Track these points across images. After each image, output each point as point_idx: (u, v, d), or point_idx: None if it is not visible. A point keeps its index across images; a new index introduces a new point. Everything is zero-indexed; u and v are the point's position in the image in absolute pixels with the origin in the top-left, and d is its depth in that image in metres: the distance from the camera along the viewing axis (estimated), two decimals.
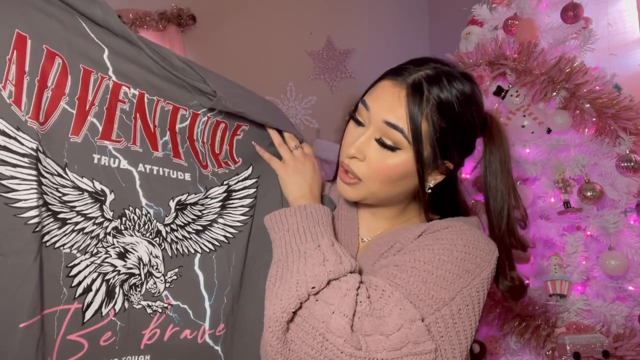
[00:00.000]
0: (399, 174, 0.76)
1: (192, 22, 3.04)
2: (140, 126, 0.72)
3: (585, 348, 1.18)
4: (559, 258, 1.34)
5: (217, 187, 0.80)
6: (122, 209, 0.70)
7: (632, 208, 1.33)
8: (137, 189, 0.71)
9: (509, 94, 1.47)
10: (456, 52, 1.62)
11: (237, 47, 3.20)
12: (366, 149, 0.76)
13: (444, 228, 0.78)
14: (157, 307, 0.75)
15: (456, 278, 0.71)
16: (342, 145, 0.81)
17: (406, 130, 0.73)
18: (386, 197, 0.81)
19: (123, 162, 0.70)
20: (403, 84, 0.74)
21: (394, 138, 0.74)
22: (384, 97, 0.75)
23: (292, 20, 3.30)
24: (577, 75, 1.34)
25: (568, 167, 1.36)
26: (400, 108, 0.73)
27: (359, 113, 0.79)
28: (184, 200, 0.76)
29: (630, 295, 1.30)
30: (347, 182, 0.79)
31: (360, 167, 0.77)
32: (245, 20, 3.22)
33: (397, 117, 0.73)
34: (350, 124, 0.81)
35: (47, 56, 0.63)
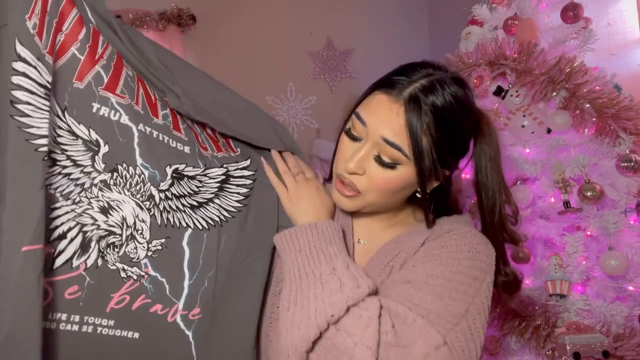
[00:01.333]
0: (398, 186, 0.77)
1: (192, 22, 3.04)
2: (143, 93, 0.72)
3: (585, 348, 1.18)
4: (559, 258, 1.34)
5: (216, 168, 0.78)
6: (115, 163, 0.68)
7: (632, 208, 1.33)
8: (134, 146, 0.69)
9: (509, 94, 1.47)
10: (456, 52, 1.62)
11: (237, 47, 3.20)
12: (365, 164, 0.76)
13: (445, 233, 0.79)
14: (133, 273, 0.71)
15: (467, 288, 0.71)
16: (337, 159, 0.81)
17: (405, 147, 0.72)
18: (384, 206, 0.82)
19: (124, 117, 0.68)
20: (399, 99, 0.73)
21: (392, 155, 0.73)
22: (381, 112, 0.74)
23: (292, 20, 3.30)
24: (577, 75, 1.34)
25: (568, 167, 1.36)
26: (398, 125, 0.72)
27: (354, 128, 0.77)
28: (181, 170, 0.74)
29: (630, 295, 1.30)
30: (345, 194, 0.79)
31: (361, 181, 0.77)
32: (246, 20, 3.22)
33: (395, 134, 0.72)
34: (345, 138, 0.80)
35: (67, 3, 0.66)
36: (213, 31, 3.16)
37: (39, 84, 0.60)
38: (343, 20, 3.39)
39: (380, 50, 3.42)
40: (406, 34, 3.50)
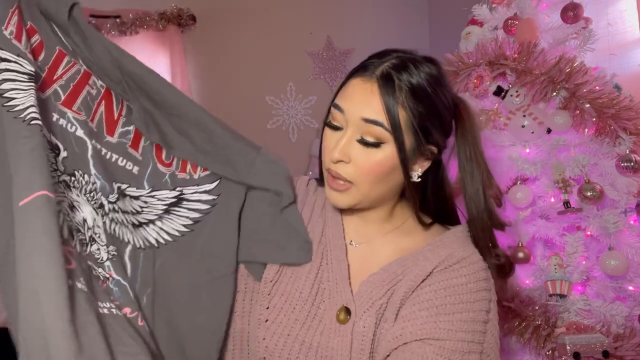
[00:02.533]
0: (388, 168, 0.75)
1: (192, 22, 3.04)
2: (103, 111, 0.74)
3: (585, 348, 1.18)
4: (559, 258, 1.34)
5: (167, 190, 0.77)
6: (73, 169, 0.70)
7: (632, 208, 1.33)
8: (88, 157, 0.72)
9: (509, 94, 1.47)
10: (456, 52, 1.62)
11: (237, 47, 3.19)
12: (350, 150, 0.74)
13: (454, 263, 0.76)
14: (100, 274, 0.71)
15: (480, 336, 0.72)
16: (322, 153, 0.80)
17: (385, 123, 0.72)
18: (378, 196, 0.80)
19: (79, 131, 0.71)
20: (372, 77, 0.75)
21: (375, 133, 0.73)
22: (357, 95, 0.75)
23: (292, 20, 3.30)
24: (577, 75, 1.34)
25: (568, 167, 1.36)
26: (375, 101, 0.73)
27: (334, 118, 0.77)
28: (123, 189, 0.75)
29: (630, 295, 1.30)
30: (338, 189, 0.77)
31: (348, 169, 0.75)
32: (245, 20, 3.22)
33: (373, 111, 0.73)
34: (327, 131, 0.79)
35: (30, 28, 0.70)
36: (213, 31, 3.15)
37: (22, 72, 0.63)
38: (343, 20, 3.39)
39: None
40: (406, 34, 3.50)
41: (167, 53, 3.02)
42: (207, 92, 3.16)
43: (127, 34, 2.90)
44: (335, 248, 0.82)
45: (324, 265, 0.82)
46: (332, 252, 0.82)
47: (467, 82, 1.55)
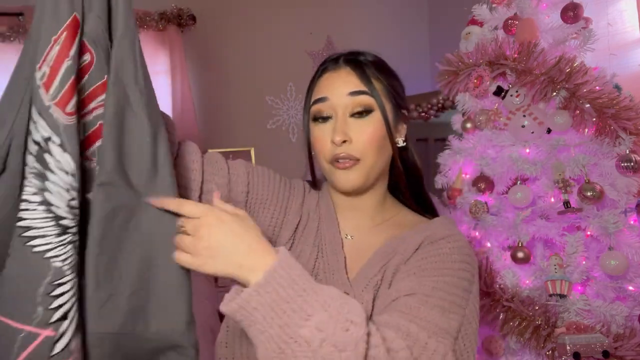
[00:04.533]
0: (382, 133, 0.82)
1: (192, 22, 3.04)
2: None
3: (585, 348, 1.18)
4: (559, 258, 1.34)
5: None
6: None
7: (632, 208, 1.33)
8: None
9: (509, 94, 1.47)
10: (456, 52, 1.62)
11: (237, 47, 3.20)
12: (347, 129, 0.80)
13: (440, 238, 0.80)
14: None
15: (461, 300, 0.74)
16: (319, 149, 0.84)
17: (368, 91, 0.82)
18: (380, 167, 0.85)
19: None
20: (340, 65, 0.85)
21: (363, 102, 0.81)
22: (334, 81, 0.84)
23: (292, 20, 3.30)
24: (577, 75, 1.33)
25: (568, 167, 1.35)
26: (353, 78, 0.83)
27: (320, 112, 0.83)
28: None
29: (630, 295, 1.30)
30: (346, 166, 0.80)
31: (353, 147, 0.80)
32: (245, 20, 3.22)
33: (355, 85, 0.82)
34: (316, 127, 0.84)
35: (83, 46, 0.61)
36: (213, 31, 3.16)
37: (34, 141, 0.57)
38: (343, 20, 3.39)
39: (380, 50, 3.41)
40: (406, 34, 3.50)
41: (167, 53, 3.02)
42: (207, 92, 3.16)
43: None
44: (331, 242, 0.86)
45: (320, 258, 0.85)
46: (328, 246, 0.86)
47: (467, 82, 1.56)
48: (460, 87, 1.58)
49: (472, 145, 1.56)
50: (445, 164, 1.63)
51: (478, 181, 1.50)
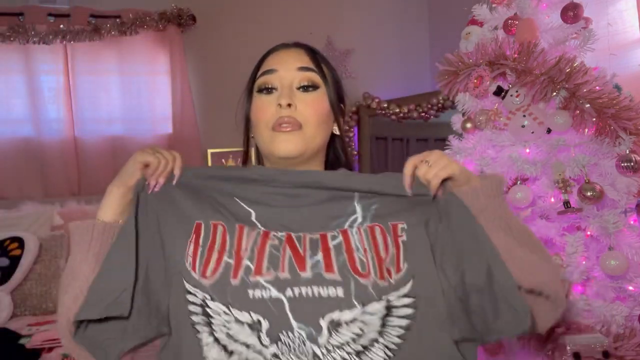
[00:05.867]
0: (325, 110, 0.86)
1: (192, 22, 3.04)
2: (290, 254, 0.76)
3: (585, 348, 1.18)
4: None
5: (375, 302, 0.73)
6: (277, 334, 0.71)
7: (632, 208, 1.33)
8: (287, 313, 0.72)
9: (509, 94, 1.47)
10: (456, 52, 1.62)
11: (237, 47, 3.19)
12: (293, 98, 0.84)
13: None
14: None
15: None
16: (259, 117, 0.85)
17: (317, 70, 0.86)
18: (319, 143, 0.87)
19: (273, 291, 0.73)
20: (294, 47, 0.90)
21: (310, 78, 0.86)
22: (287, 56, 0.88)
23: (292, 20, 3.30)
24: (577, 75, 1.34)
25: (568, 167, 1.36)
26: (304, 57, 0.88)
27: (266, 82, 0.86)
28: (336, 319, 0.72)
29: (630, 295, 1.30)
30: (287, 130, 0.82)
31: (297, 113, 0.83)
32: (246, 20, 3.22)
33: (306, 62, 0.87)
34: (260, 97, 0.86)
35: (213, 227, 0.80)
36: (213, 31, 3.16)
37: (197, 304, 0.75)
38: (343, 20, 3.39)
39: (380, 50, 3.42)
40: (406, 34, 3.50)
41: (167, 53, 3.02)
42: (207, 92, 3.16)
43: (127, 34, 2.90)
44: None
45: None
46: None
47: (467, 82, 1.56)
48: (460, 87, 1.58)
49: (472, 145, 1.56)
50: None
51: None
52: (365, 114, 3.26)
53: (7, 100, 2.84)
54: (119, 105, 2.99)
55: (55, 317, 0.90)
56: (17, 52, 2.81)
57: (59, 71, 2.89)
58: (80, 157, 2.92)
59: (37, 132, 2.86)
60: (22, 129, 2.85)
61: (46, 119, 2.87)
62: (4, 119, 2.83)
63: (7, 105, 2.83)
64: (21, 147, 2.84)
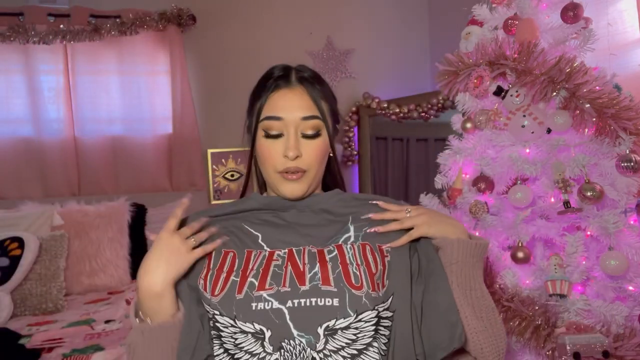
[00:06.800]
0: (326, 149, 0.93)
1: (192, 22, 3.04)
2: (291, 271, 0.83)
3: (585, 348, 1.18)
4: (559, 258, 1.34)
5: (369, 310, 0.80)
6: (280, 342, 0.77)
7: (632, 208, 1.33)
8: (288, 322, 0.78)
9: (509, 94, 1.47)
10: (456, 52, 1.62)
11: (237, 47, 3.20)
12: (299, 146, 0.89)
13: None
14: None
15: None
16: (267, 162, 0.91)
17: (319, 115, 0.90)
18: (320, 176, 0.95)
19: (275, 303, 0.79)
20: (295, 84, 0.92)
21: (313, 126, 0.90)
22: (291, 102, 0.90)
23: (292, 20, 3.30)
24: (577, 75, 1.33)
25: (568, 167, 1.35)
26: (306, 101, 0.90)
27: (271, 128, 0.90)
28: (332, 326, 0.78)
29: (630, 295, 1.30)
30: (294, 178, 0.89)
31: (303, 161, 0.89)
32: (246, 20, 3.22)
33: (309, 110, 0.90)
34: (266, 142, 0.91)
35: (224, 254, 0.88)
36: (213, 31, 3.16)
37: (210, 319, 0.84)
38: (343, 20, 3.40)
39: (380, 50, 3.42)
40: (406, 34, 3.50)
41: (167, 53, 3.02)
42: (207, 92, 3.16)
43: (127, 34, 2.90)
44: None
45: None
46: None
47: (467, 82, 1.56)
48: (460, 87, 1.58)
49: (472, 145, 1.56)
50: (445, 164, 1.63)
51: (478, 181, 1.51)
52: (365, 114, 3.26)
53: (7, 100, 2.84)
54: (119, 105, 2.99)
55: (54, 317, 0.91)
56: (17, 52, 2.81)
57: (59, 71, 2.89)
58: (80, 157, 2.93)
59: (37, 132, 2.86)
60: (22, 129, 2.86)
61: (46, 119, 2.87)
62: (4, 119, 2.83)
63: (7, 105, 2.84)
64: (21, 147, 2.84)
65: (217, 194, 3.16)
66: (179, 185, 3.05)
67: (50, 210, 2.47)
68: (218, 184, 3.17)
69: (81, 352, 1.60)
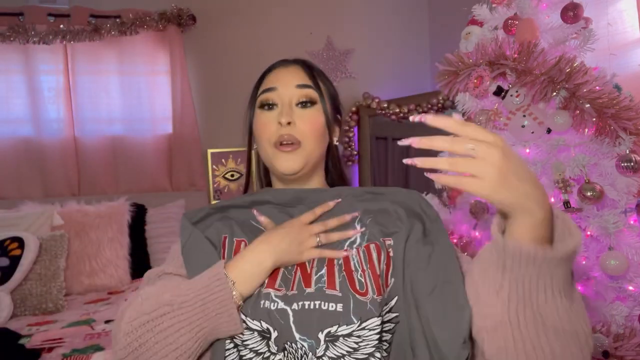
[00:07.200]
0: (322, 126, 0.90)
1: (192, 22, 3.04)
2: (299, 275, 0.81)
3: None
4: None
5: (374, 317, 0.75)
6: (283, 343, 0.76)
7: (632, 208, 1.33)
8: (291, 325, 0.76)
9: (509, 94, 1.47)
10: (456, 52, 1.62)
11: (237, 47, 3.20)
12: (292, 115, 0.88)
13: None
14: None
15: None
16: (261, 134, 0.90)
17: (314, 86, 0.91)
18: (317, 155, 0.92)
19: (280, 304, 0.78)
20: (293, 64, 0.94)
21: (308, 95, 0.90)
22: (286, 74, 0.92)
23: (292, 20, 3.30)
24: (577, 75, 1.34)
25: (568, 167, 1.36)
26: (302, 74, 0.92)
27: (266, 99, 0.91)
28: (333, 332, 0.75)
29: (630, 295, 1.30)
30: (288, 150, 0.87)
31: (297, 129, 0.88)
32: (245, 20, 3.22)
33: (303, 79, 0.91)
34: (261, 114, 0.91)
35: (237, 243, 0.88)
36: (213, 31, 3.16)
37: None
38: (343, 20, 3.40)
39: (380, 50, 3.42)
40: (406, 34, 3.50)
41: (167, 53, 3.02)
42: (207, 92, 3.16)
43: (127, 34, 2.90)
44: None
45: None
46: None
47: (467, 82, 1.56)
48: (460, 87, 1.58)
49: None
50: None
51: None
52: (365, 114, 3.26)
53: (7, 100, 2.84)
54: (119, 105, 2.99)
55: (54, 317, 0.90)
56: (17, 52, 2.81)
57: (59, 71, 2.89)
58: (80, 157, 2.93)
59: (37, 132, 2.86)
60: (22, 129, 2.85)
61: (46, 118, 2.87)
62: (4, 119, 2.83)
63: (7, 105, 2.83)
64: (21, 147, 2.84)
65: (217, 194, 3.16)
66: (179, 185, 3.05)
67: (50, 210, 2.47)
68: (218, 184, 3.17)
69: (81, 352, 1.60)
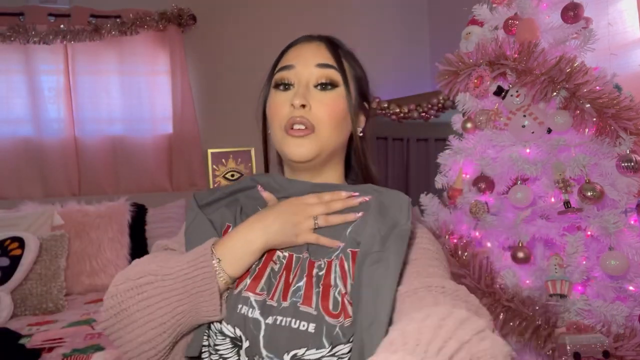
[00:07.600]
0: (342, 111, 0.79)
1: (192, 22, 3.04)
2: (282, 282, 0.73)
3: (585, 348, 1.18)
4: (559, 258, 1.34)
5: (342, 344, 0.67)
6: (253, 356, 0.69)
7: (632, 208, 1.33)
8: (260, 339, 0.69)
9: (509, 94, 1.47)
10: (456, 52, 1.62)
11: (237, 47, 3.20)
12: (309, 97, 0.77)
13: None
14: None
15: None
16: (274, 114, 0.79)
17: (336, 66, 0.79)
18: (334, 145, 0.80)
19: (256, 313, 0.70)
20: (317, 39, 0.83)
21: (329, 76, 0.79)
22: (306, 51, 0.81)
23: (292, 20, 3.30)
24: (578, 75, 1.34)
25: (568, 167, 1.36)
26: (324, 52, 0.81)
27: (283, 78, 0.80)
28: (300, 355, 0.67)
29: (630, 295, 1.30)
30: (299, 134, 0.76)
31: (310, 113, 0.76)
32: (246, 20, 3.22)
33: (325, 58, 0.80)
34: (276, 94, 0.80)
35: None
36: (213, 31, 3.16)
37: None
38: (343, 20, 3.39)
39: (380, 50, 3.42)
40: (406, 34, 3.50)
41: (168, 53, 3.02)
42: (207, 92, 3.16)
43: (128, 34, 2.91)
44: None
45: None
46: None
47: (467, 82, 1.56)
48: (460, 87, 1.58)
49: (472, 145, 1.56)
50: (445, 164, 1.63)
51: (478, 181, 1.51)
52: None
53: (7, 100, 2.84)
54: (119, 105, 2.99)
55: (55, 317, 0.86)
56: (17, 52, 2.81)
57: (59, 71, 2.89)
58: (80, 157, 2.93)
59: (37, 132, 2.86)
60: (22, 129, 2.85)
61: (46, 118, 2.87)
62: (4, 119, 2.83)
63: (7, 105, 2.84)
64: (21, 147, 2.84)
65: None
66: (179, 185, 3.05)
67: (51, 210, 2.47)
68: (218, 184, 3.17)
69: (81, 352, 1.60)
